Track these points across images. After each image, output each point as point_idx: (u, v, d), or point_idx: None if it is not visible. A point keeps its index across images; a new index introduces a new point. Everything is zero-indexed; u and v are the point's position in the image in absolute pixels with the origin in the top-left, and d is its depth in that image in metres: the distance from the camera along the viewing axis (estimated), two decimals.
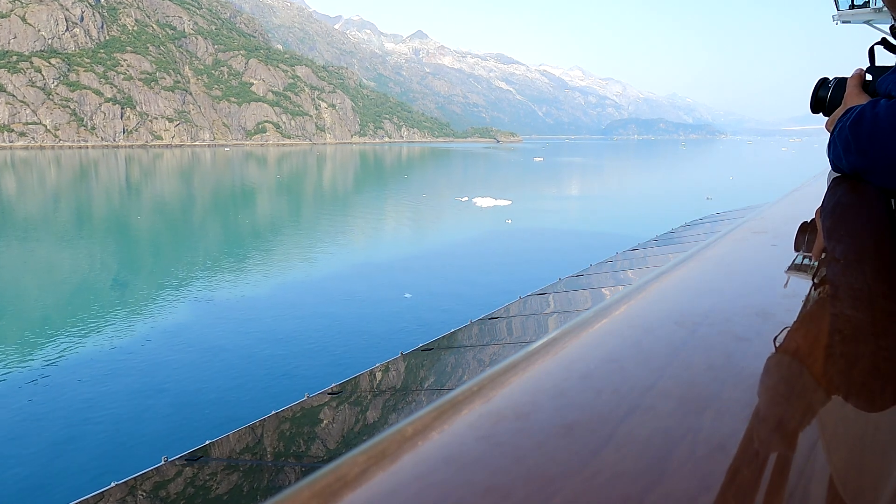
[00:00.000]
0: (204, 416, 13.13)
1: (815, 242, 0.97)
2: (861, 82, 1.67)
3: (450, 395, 0.39)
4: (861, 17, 20.54)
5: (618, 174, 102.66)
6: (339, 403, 7.37)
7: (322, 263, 28.88)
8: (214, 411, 13.34)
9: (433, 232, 40.11)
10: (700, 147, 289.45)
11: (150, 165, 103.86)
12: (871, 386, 0.45)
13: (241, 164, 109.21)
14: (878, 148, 1.34)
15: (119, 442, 12.16)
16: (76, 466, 11.32)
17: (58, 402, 13.88)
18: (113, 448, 11.92)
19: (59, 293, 23.75)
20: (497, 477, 0.29)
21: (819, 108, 1.81)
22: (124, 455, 11.49)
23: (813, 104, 1.83)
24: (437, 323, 17.05)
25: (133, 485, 5.60)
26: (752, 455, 0.34)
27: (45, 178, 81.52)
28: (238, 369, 15.74)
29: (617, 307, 0.57)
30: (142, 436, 12.32)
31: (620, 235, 31.65)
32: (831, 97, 1.76)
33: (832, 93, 1.76)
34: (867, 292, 0.68)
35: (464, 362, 8.71)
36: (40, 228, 39.46)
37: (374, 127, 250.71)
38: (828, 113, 1.77)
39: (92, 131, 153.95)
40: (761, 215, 1.18)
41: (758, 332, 0.52)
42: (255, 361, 16.27)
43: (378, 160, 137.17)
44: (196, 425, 12.57)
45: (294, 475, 5.63)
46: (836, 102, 1.72)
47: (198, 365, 16.05)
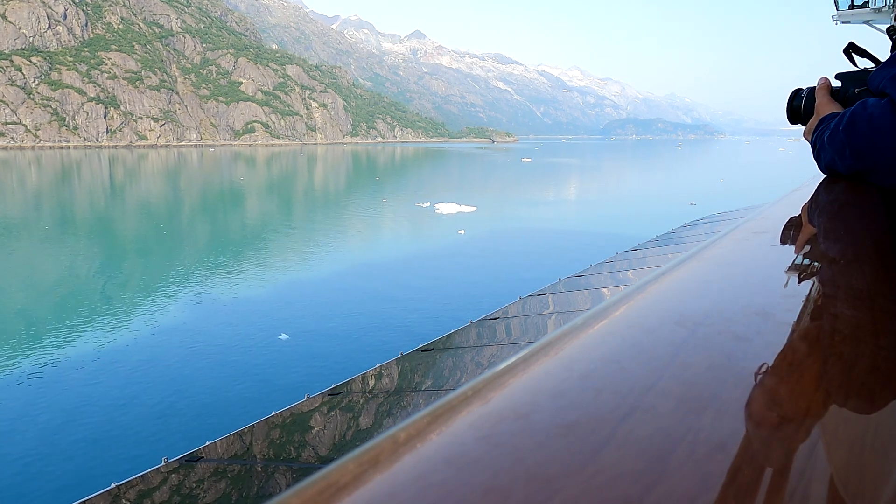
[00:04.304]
0: (203, 417, 13.12)
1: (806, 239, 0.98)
2: (829, 90, 1.74)
3: (449, 395, 0.39)
4: (861, 17, 20.57)
5: (604, 177, 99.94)
6: (338, 404, 7.37)
7: (230, 279, 26.11)
8: (214, 412, 13.33)
9: (371, 245, 35.42)
10: (697, 147, 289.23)
11: (125, 166, 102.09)
12: (871, 386, 0.45)
13: (214, 166, 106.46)
14: (877, 148, 1.35)
15: (119, 442, 12.14)
16: (77, 466, 11.30)
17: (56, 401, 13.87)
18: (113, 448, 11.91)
19: (49, 295, 23.72)
20: (497, 477, 0.29)
21: (796, 119, 1.87)
22: (125, 455, 11.48)
23: (789, 115, 1.89)
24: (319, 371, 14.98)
25: (133, 485, 5.59)
26: (752, 455, 0.34)
27: (25, 178, 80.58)
28: (238, 370, 15.73)
29: (617, 307, 0.57)
30: (140, 437, 12.31)
31: (593, 247, 29.12)
32: (805, 107, 1.82)
33: (805, 102, 1.82)
34: (867, 292, 0.68)
35: (463, 363, 8.72)
36: (19, 230, 38.85)
37: (366, 127, 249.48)
38: (804, 122, 1.83)
39: (74, 131, 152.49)
40: (761, 215, 1.18)
41: (758, 332, 0.52)
42: (255, 362, 16.27)
43: (360, 161, 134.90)
44: (196, 426, 12.56)
45: (294, 476, 5.63)
46: (811, 111, 1.78)
47: (198, 365, 16.04)
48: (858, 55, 1.76)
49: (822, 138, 1.56)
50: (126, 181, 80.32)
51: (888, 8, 18.97)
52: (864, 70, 1.65)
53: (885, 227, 1.04)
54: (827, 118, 1.60)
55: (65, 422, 12.97)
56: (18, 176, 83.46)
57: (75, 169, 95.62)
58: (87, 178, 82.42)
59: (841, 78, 1.73)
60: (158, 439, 12.04)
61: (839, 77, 1.74)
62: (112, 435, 12.43)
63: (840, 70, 1.77)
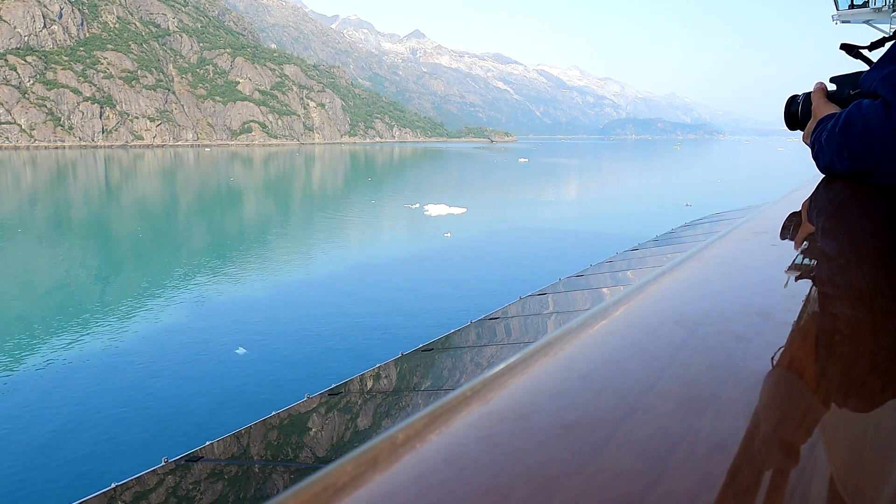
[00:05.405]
0: (202, 418, 13.12)
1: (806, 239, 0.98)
2: (825, 93, 1.75)
3: (449, 395, 0.39)
4: (861, 17, 20.61)
5: (601, 177, 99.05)
6: (338, 404, 7.37)
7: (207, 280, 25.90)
8: (214, 412, 13.33)
9: (352, 247, 34.81)
10: (696, 147, 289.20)
11: (119, 167, 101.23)
12: (871, 385, 0.45)
13: (208, 166, 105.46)
14: (874, 149, 1.35)
15: (117, 443, 12.14)
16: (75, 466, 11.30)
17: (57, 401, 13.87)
18: (112, 449, 11.91)
19: (48, 295, 23.73)
20: (497, 477, 0.29)
21: (794, 124, 1.89)
22: (124, 456, 11.48)
23: (787, 121, 1.90)
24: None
25: (133, 486, 5.59)
26: (752, 455, 0.34)
27: (19, 178, 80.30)
28: (238, 370, 15.74)
29: (617, 307, 0.57)
30: (138, 437, 12.31)
31: (566, 260, 26.86)
32: (802, 112, 1.84)
33: (802, 107, 1.84)
34: (867, 292, 0.68)
35: (463, 363, 8.71)
36: (13, 230, 38.65)
37: (364, 126, 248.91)
38: (802, 127, 1.85)
39: (69, 131, 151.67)
40: (761, 215, 1.18)
41: (758, 332, 0.52)
42: (254, 362, 16.27)
43: (356, 161, 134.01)
44: (195, 426, 12.56)
45: (293, 477, 5.63)
46: (808, 115, 1.79)
47: (197, 366, 16.05)
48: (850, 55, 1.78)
49: (820, 140, 1.57)
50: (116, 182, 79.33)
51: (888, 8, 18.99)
52: (858, 72, 1.67)
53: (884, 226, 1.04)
54: (824, 119, 1.61)
55: (65, 421, 12.97)
56: (13, 176, 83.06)
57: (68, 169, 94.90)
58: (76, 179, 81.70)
59: (836, 81, 1.75)
60: (158, 439, 12.04)
61: (834, 80, 1.76)
62: (112, 435, 12.44)
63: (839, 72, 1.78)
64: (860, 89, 1.55)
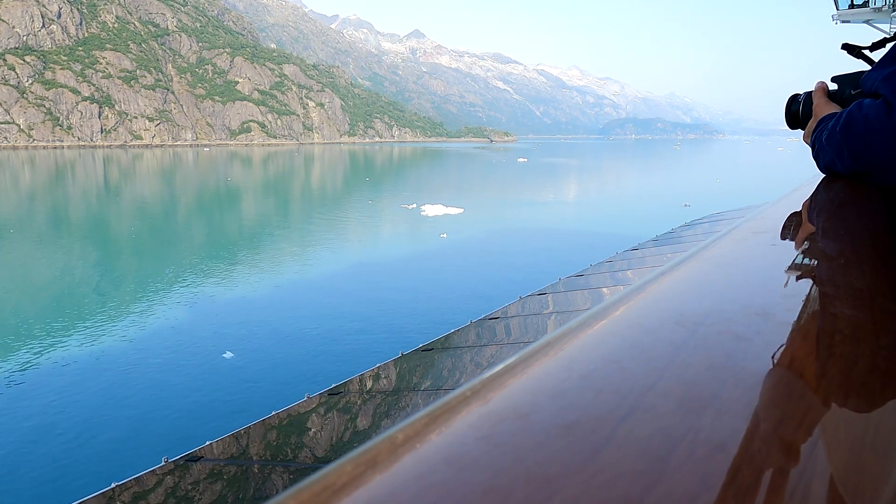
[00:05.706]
0: (202, 418, 13.12)
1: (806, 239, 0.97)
2: (826, 93, 1.75)
3: (449, 395, 0.39)
4: (861, 17, 20.62)
5: (600, 177, 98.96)
6: (337, 404, 7.37)
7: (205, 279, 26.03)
8: (213, 412, 13.33)
9: (354, 246, 34.85)
10: (696, 147, 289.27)
11: (118, 166, 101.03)
12: (871, 385, 0.45)
13: (207, 166, 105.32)
14: (875, 148, 1.35)
15: (117, 442, 12.14)
16: (75, 466, 11.30)
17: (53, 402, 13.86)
18: (112, 448, 11.90)
19: (46, 295, 23.71)
20: (497, 477, 0.29)
21: (795, 123, 1.89)
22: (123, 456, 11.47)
23: (788, 120, 1.90)
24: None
25: (132, 486, 5.59)
26: (752, 455, 0.34)
27: (18, 178, 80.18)
28: (238, 370, 15.73)
29: (617, 307, 0.57)
30: (138, 437, 12.30)
31: (562, 262, 26.62)
32: (803, 111, 1.84)
33: (803, 107, 1.84)
34: (867, 291, 0.68)
35: (463, 363, 8.71)
36: (6, 230, 38.52)
37: (363, 126, 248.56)
38: (803, 126, 1.85)
39: (68, 131, 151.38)
40: (761, 215, 1.18)
41: (758, 332, 0.52)
42: (254, 362, 16.27)
43: (355, 161, 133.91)
44: (195, 426, 12.56)
45: (293, 477, 5.63)
46: (810, 115, 1.79)
47: (197, 366, 16.04)
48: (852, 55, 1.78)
49: (821, 139, 1.57)
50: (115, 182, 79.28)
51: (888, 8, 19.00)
52: (859, 72, 1.67)
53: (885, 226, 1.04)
54: (825, 119, 1.61)
55: (65, 421, 12.96)
56: (11, 176, 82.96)
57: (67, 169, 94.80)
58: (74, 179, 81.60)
59: (837, 80, 1.75)
60: (158, 439, 12.03)
61: (835, 80, 1.76)
62: (112, 435, 12.43)
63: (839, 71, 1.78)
64: (861, 89, 1.55)
